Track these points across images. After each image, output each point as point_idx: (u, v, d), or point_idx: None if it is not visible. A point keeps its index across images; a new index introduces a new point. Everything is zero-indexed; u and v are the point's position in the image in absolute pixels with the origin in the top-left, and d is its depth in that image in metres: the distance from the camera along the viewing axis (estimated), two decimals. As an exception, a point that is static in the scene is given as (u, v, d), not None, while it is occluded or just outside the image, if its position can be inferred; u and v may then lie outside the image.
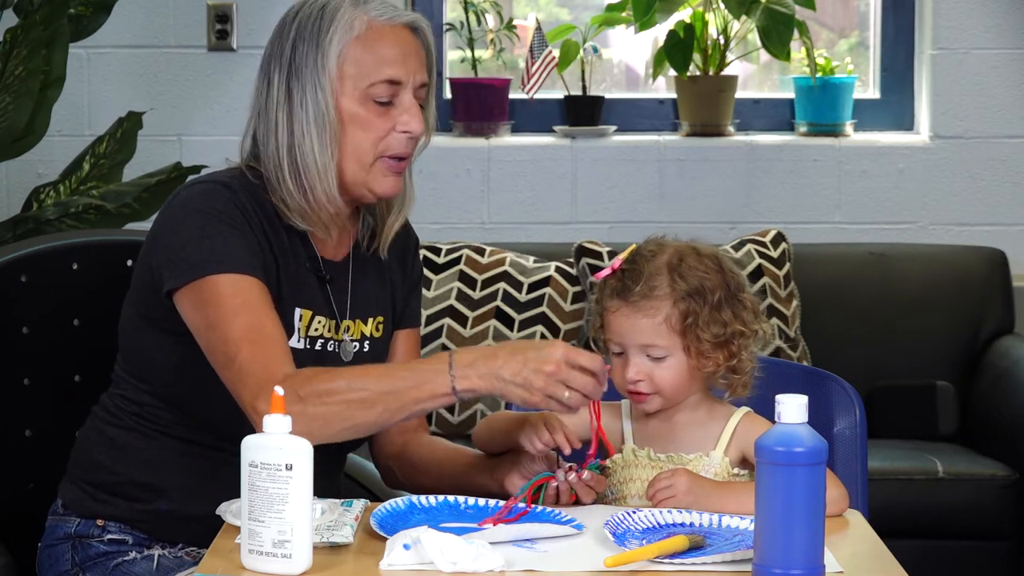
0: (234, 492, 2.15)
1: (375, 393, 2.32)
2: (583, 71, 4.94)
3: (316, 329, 2.56)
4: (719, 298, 2.41)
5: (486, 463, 2.53)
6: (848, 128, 4.92)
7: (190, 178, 2.59)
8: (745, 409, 2.48)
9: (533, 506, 2.33)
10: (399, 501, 2.34)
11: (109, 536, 2.59)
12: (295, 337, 2.54)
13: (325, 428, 2.32)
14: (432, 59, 2.59)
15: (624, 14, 4.84)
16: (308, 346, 2.56)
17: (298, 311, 2.54)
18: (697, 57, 4.87)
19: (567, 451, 2.40)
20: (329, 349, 2.58)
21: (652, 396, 2.43)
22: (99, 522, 2.59)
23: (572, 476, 2.38)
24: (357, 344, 2.62)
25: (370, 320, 2.64)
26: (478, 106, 4.90)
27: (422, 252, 2.82)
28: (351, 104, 2.52)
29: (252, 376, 2.36)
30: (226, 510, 2.28)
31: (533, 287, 4.45)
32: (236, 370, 2.38)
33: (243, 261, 2.45)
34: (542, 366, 2.29)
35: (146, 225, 3.94)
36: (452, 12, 5.02)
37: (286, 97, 2.54)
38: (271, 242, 2.54)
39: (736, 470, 2.45)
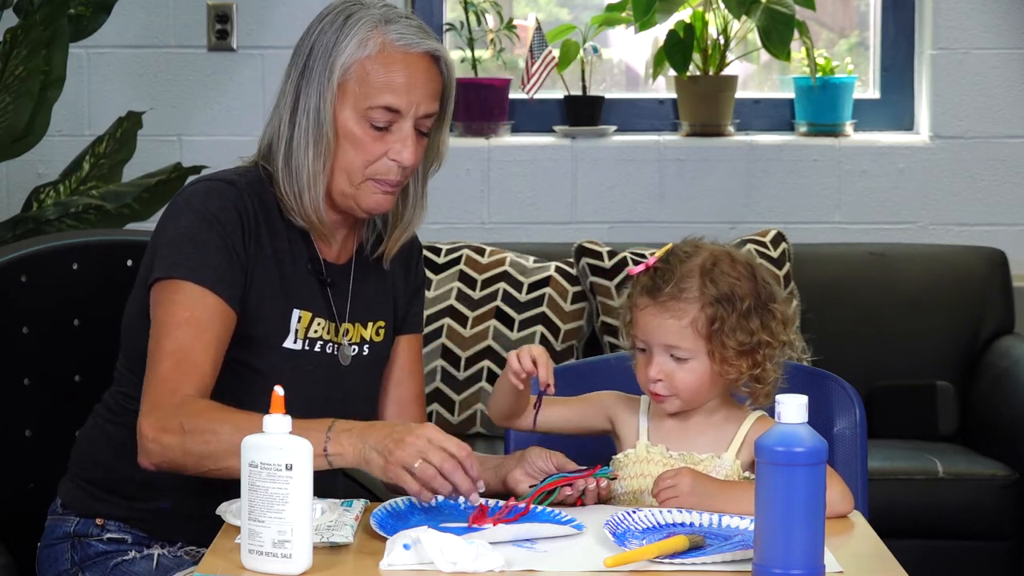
0: (233, 492, 2.15)
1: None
2: (583, 71, 4.94)
3: (316, 331, 2.56)
4: (748, 306, 2.41)
5: (491, 462, 2.53)
6: (848, 128, 4.92)
7: (192, 178, 2.59)
8: (759, 412, 2.48)
9: (533, 506, 2.34)
10: (399, 501, 2.34)
11: (108, 535, 2.59)
12: (291, 339, 2.54)
13: (197, 466, 2.37)
14: (449, 90, 2.56)
15: (624, 14, 4.84)
16: (307, 348, 2.56)
17: (296, 312, 2.54)
18: (697, 57, 4.87)
19: (544, 388, 2.38)
20: (328, 351, 2.58)
21: (671, 397, 2.43)
22: (98, 521, 2.59)
23: (592, 485, 2.38)
24: (356, 347, 2.62)
25: (370, 324, 2.64)
26: (478, 106, 4.90)
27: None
28: (349, 121, 2.51)
29: (155, 393, 2.40)
30: (226, 510, 2.28)
31: (533, 287, 4.45)
32: (149, 380, 2.42)
33: (213, 277, 2.46)
34: (403, 436, 2.27)
35: (146, 225, 3.95)
36: (452, 12, 5.01)
37: (294, 97, 2.53)
38: (272, 243, 2.53)
39: (747, 473, 2.45)
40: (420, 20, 2.57)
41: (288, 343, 2.54)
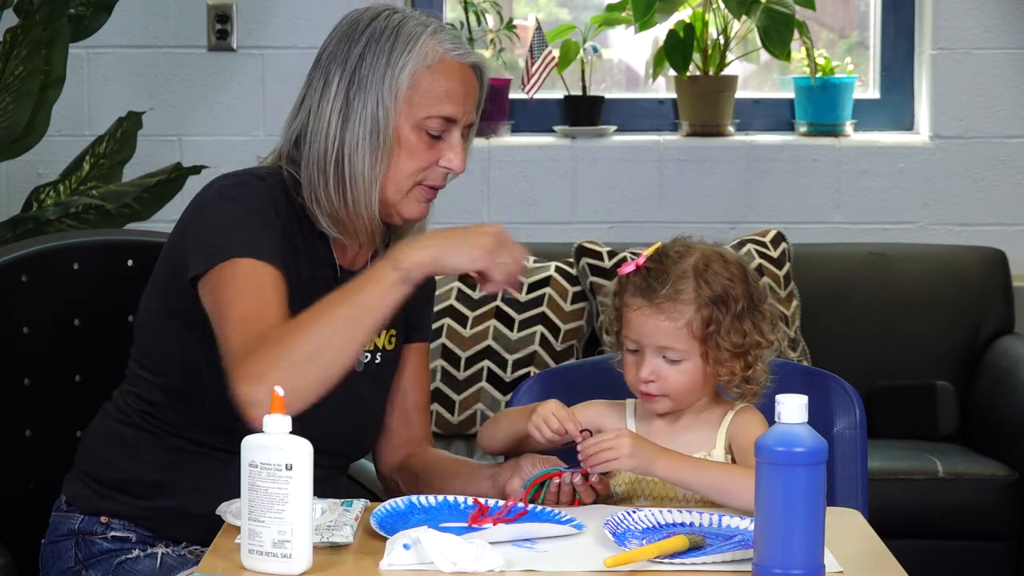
0: (236, 491, 2.15)
1: (340, 325, 2.32)
2: (583, 71, 4.94)
3: (327, 336, 2.56)
4: (742, 308, 2.41)
5: (488, 471, 2.53)
6: (848, 128, 4.92)
7: (217, 176, 2.58)
8: (741, 403, 2.47)
9: (532, 506, 2.34)
10: (399, 501, 2.34)
11: (113, 533, 2.59)
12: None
13: (305, 375, 2.30)
14: (483, 101, 2.60)
15: (624, 14, 4.84)
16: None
17: (312, 315, 2.54)
18: (697, 57, 4.87)
19: (578, 438, 2.40)
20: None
21: (661, 398, 2.43)
22: (103, 519, 2.59)
23: (579, 479, 2.38)
24: (369, 355, 2.62)
25: (383, 332, 2.64)
26: (478, 106, 4.89)
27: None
28: (404, 130, 2.52)
29: (237, 358, 2.33)
30: (226, 510, 2.28)
31: (533, 287, 4.45)
32: (227, 354, 2.36)
33: (266, 249, 2.44)
34: (485, 230, 2.38)
35: (146, 225, 3.96)
36: (452, 12, 5.02)
37: (343, 103, 2.52)
38: (294, 242, 2.54)
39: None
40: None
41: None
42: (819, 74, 4.85)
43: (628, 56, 5.23)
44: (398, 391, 2.71)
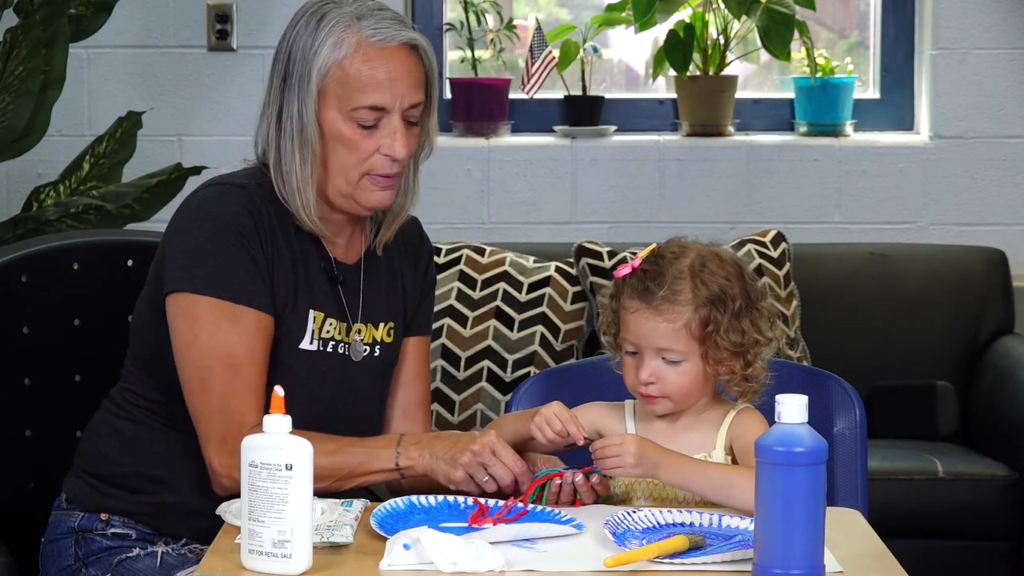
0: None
1: (326, 469, 2.38)
2: (583, 71, 4.94)
3: (328, 331, 2.56)
4: (739, 306, 2.41)
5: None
6: (848, 128, 4.92)
7: (202, 182, 2.58)
8: (743, 404, 2.47)
9: (533, 506, 2.34)
10: (399, 501, 2.34)
11: (112, 530, 2.59)
12: (308, 339, 2.54)
13: None
14: (432, 77, 2.54)
15: (624, 14, 4.84)
16: (321, 348, 2.56)
17: (312, 313, 2.54)
18: (697, 57, 4.87)
19: (580, 441, 2.40)
20: (340, 351, 2.58)
21: (662, 399, 2.43)
22: (103, 516, 2.59)
23: (580, 478, 2.38)
24: (368, 348, 2.62)
25: (381, 325, 2.64)
26: (478, 106, 4.89)
27: (424, 252, 2.81)
28: (336, 123, 2.50)
29: (219, 425, 2.43)
30: (226, 510, 2.28)
31: (533, 287, 4.45)
32: (207, 408, 2.44)
33: (244, 290, 2.47)
34: (469, 445, 2.38)
35: (146, 225, 3.96)
36: (452, 12, 5.02)
37: (278, 103, 2.53)
38: (287, 244, 2.53)
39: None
40: (395, 11, 2.54)
41: (304, 344, 2.54)
42: (819, 74, 4.85)
43: (628, 56, 5.23)
44: (398, 386, 2.71)
